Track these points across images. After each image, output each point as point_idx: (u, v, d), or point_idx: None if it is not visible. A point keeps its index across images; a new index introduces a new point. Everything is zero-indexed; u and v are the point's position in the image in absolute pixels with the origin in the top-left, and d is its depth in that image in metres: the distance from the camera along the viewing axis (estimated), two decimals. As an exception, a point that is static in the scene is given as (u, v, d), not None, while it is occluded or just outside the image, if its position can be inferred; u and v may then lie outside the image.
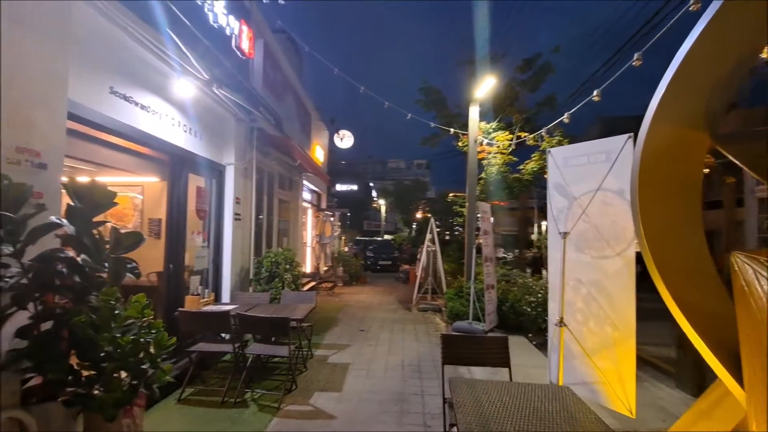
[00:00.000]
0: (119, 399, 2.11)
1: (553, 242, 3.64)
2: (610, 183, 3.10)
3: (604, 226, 3.21)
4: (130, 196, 5.66)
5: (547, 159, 3.83)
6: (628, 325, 3.02)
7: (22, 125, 2.30)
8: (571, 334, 3.36)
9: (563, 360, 3.27)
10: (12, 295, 2.02)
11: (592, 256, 3.32)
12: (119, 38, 3.36)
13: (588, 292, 3.33)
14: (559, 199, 3.66)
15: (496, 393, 2.27)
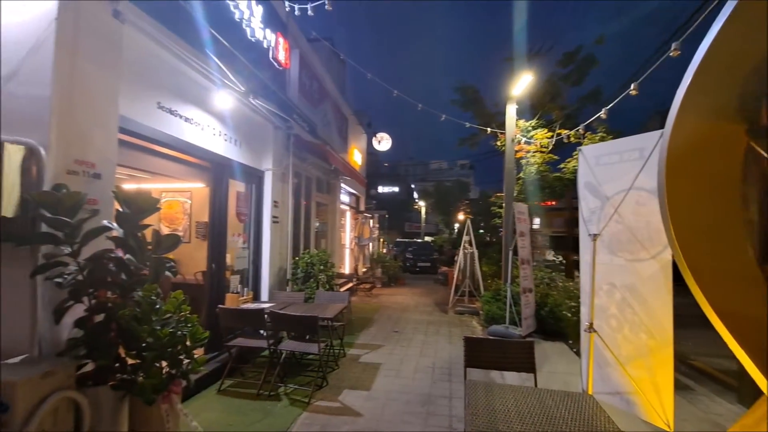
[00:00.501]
0: (157, 385, 2.34)
1: (584, 245, 3.50)
2: (643, 182, 2.93)
3: (638, 227, 3.03)
4: (180, 200, 6.14)
5: (578, 158, 3.68)
6: (664, 332, 2.83)
7: (80, 140, 2.61)
8: (602, 341, 3.21)
9: (593, 367, 3.12)
10: (70, 290, 2.31)
11: (626, 259, 3.15)
12: (165, 58, 3.69)
13: (622, 297, 3.17)
14: (590, 199, 3.51)
15: (512, 398, 2.25)
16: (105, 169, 2.79)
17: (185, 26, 3.64)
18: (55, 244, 2.27)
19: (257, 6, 5.00)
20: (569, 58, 8.91)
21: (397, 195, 36.61)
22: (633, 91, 3.61)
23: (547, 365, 5.12)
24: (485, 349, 2.97)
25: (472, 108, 10.05)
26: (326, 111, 8.74)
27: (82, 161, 2.61)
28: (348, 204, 12.23)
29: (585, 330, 3.15)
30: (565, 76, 9.06)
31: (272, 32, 5.46)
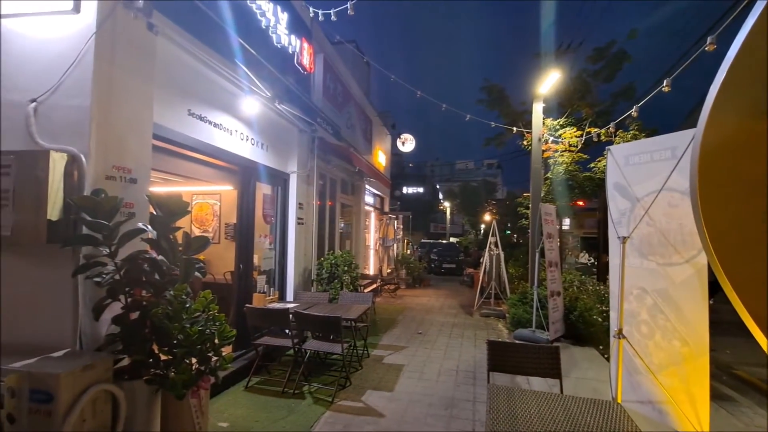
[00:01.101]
0: (187, 381, 2.44)
1: (613, 247, 3.37)
2: (676, 182, 2.80)
3: (670, 229, 2.90)
4: (210, 203, 6.38)
5: (606, 158, 3.56)
6: (699, 339, 2.69)
7: (117, 147, 2.77)
8: (632, 347, 3.08)
9: (622, 375, 3.01)
10: (108, 288, 2.46)
11: (657, 262, 3.02)
12: (195, 67, 3.85)
13: (654, 302, 3.03)
14: (620, 200, 3.38)
15: (535, 403, 2.20)
16: (140, 173, 2.95)
17: (214, 36, 3.78)
18: (94, 245, 2.42)
19: (282, 13, 5.12)
20: (600, 53, 8.61)
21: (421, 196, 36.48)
22: (666, 87, 3.44)
23: (575, 371, 4.97)
24: (509, 354, 2.92)
25: (498, 107, 9.88)
26: (350, 113, 8.83)
27: (119, 167, 2.77)
28: (372, 205, 12.30)
29: (614, 336, 3.04)
30: (595, 73, 8.75)
31: (297, 38, 5.58)
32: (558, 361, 2.85)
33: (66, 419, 2.05)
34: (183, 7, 3.37)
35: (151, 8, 2.92)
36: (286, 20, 5.21)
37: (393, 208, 16.23)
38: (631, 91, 8.89)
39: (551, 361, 2.87)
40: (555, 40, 9.16)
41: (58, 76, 2.60)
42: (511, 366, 2.99)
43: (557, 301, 6.33)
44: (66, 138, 2.56)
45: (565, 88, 8.42)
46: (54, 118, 2.60)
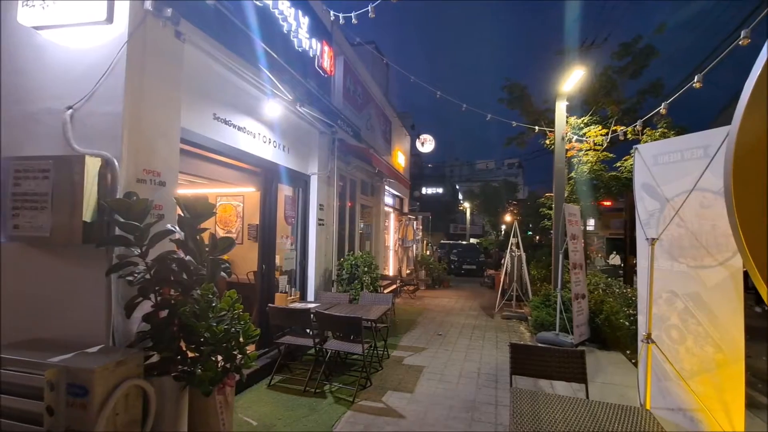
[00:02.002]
0: (213, 378, 2.51)
1: (641, 249, 3.26)
2: (708, 182, 2.68)
3: (702, 231, 2.78)
4: (233, 204, 6.53)
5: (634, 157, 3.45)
6: (734, 345, 2.58)
7: (147, 151, 2.87)
8: (662, 352, 2.98)
9: (651, 381, 2.91)
10: (139, 287, 2.55)
11: (688, 265, 2.90)
12: (220, 72, 3.95)
13: (685, 306, 2.92)
14: (648, 201, 3.27)
15: (560, 408, 2.16)
16: (169, 176, 3.05)
17: (238, 41, 3.87)
18: (126, 246, 2.52)
19: (304, 17, 5.20)
20: (626, 49, 8.36)
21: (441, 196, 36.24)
22: (697, 83, 3.32)
23: (601, 376, 4.84)
24: (533, 357, 2.87)
25: (520, 106, 9.72)
26: (370, 114, 8.88)
27: (149, 170, 2.88)
28: (392, 206, 12.31)
29: (642, 340, 2.95)
30: (621, 69, 8.50)
31: (318, 41, 5.65)
32: (584, 365, 2.78)
33: (100, 413, 2.14)
34: (208, 14, 3.46)
35: (178, 17, 3.02)
36: (307, 24, 5.28)
37: (412, 208, 16.20)
38: (659, 88, 8.60)
39: (576, 365, 2.81)
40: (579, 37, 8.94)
41: (93, 84, 2.72)
42: (534, 369, 2.93)
43: (582, 303, 6.18)
44: (100, 143, 2.68)
45: (589, 85, 8.22)
46: (89, 124, 2.72)
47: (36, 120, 2.81)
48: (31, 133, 2.82)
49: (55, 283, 2.73)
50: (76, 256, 2.68)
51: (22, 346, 2.52)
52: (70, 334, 2.66)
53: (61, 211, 2.50)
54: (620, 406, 2.27)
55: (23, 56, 2.89)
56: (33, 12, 2.75)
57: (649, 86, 8.62)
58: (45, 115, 2.79)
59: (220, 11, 3.55)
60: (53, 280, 2.73)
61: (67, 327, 2.68)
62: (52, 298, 2.73)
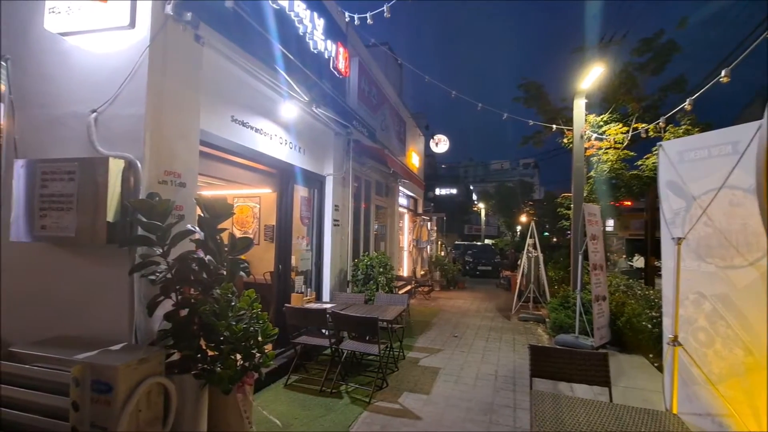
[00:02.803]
0: (233, 376, 2.53)
1: (667, 249, 3.16)
2: (738, 179, 2.58)
3: (731, 230, 2.68)
4: (250, 205, 6.61)
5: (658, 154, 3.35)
6: (765, 348, 2.47)
7: (168, 153, 2.92)
8: (689, 356, 2.87)
9: (678, 385, 2.81)
10: (161, 286, 2.59)
11: (717, 265, 2.80)
12: (237, 74, 4.00)
13: (713, 307, 2.81)
14: (674, 199, 3.16)
15: (584, 412, 2.10)
16: (189, 178, 3.10)
17: (255, 44, 3.92)
18: (149, 245, 2.57)
19: (319, 19, 5.23)
20: (647, 45, 8.14)
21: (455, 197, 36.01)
22: (724, 78, 3.20)
23: (623, 380, 4.71)
24: (553, 359, 2.81)
25: (536, 104, 9.58)
26: (384, 115, 8.88)
27: (170, 171, 2.93)
28: (406, 207, 12.28)
29: (668, 343, 2.85)
30: (641, 66, 8.29)
31: (333, 43, 5.68)
32: (607, 368, 2.71)
33: (124, 409, 2.18)
34: (227, 17, 3.51)
35: (198, 20, 3.07)
36: (323, 26, 5.32)
37: (427, 209, 16.13)
38: (682, 84, 8.35)
39: (599, 367, 2.73)
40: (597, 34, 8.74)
41: (116, 88, 2.78)
42: (554, 372, 2.87)
43: (603, 305, 6.03)
44: (123, 145, 2.74)
45: (609, 82, 8.03)
46: (112, 126, 2.79)
47: (62, 123, 2.89)
48: (56, 136, 2.90)
49: (79, 282, 2.80)
50: (100, 256, 2.75)
51: (48, 343, 2.59)
52: (94, 331, 2.72)
53: (86, 212, 2.57)
54: (646, 410, 2.20)
55: (49, 62, 2.98)
56: (59, 18, 2.83)
57: (671, 82, 8.37)
58: (70, 119, 2.87)
59: (238, 14, 3.59)
60: (78, 279, 2.81)
61: (91, 325, 2.75)
62: (77, 297, 2.80)
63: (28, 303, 2.90)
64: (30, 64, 3.03)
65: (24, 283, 2.92)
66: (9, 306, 2.94)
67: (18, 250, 2.89)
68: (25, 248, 2.87)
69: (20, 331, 2.84)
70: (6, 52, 3.07)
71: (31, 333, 2.73)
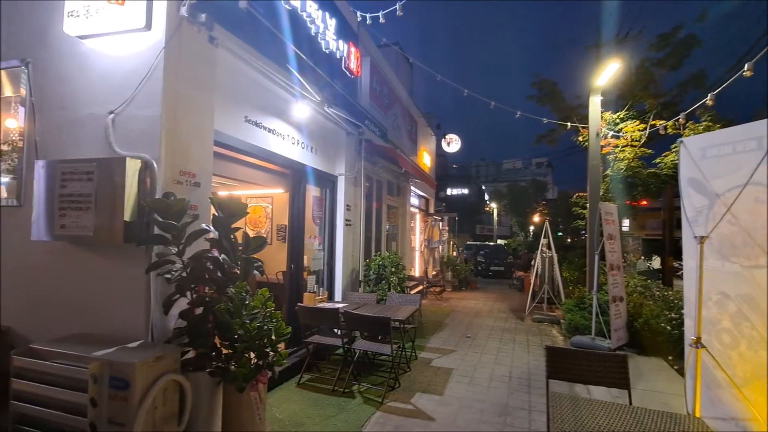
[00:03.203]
0: (247, 374, 2.54)
1: (688, 248, 3.07)
2: (764, 176, 2.49)
3: (756, 228, 2.58)
4: (262, 205, 6.66)
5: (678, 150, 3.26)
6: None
7: (183, 153, 2.95)
8: (713, 358, 2.78)
9: (701, 388, 2.72)
10: (176, 285, 2.62)
11: (742, 265, 2.70)
12: (250, 74, 4.02)
13: (737, 308, 2.72)
14: (696, 197, 3.07)
15: (604, 414, 2.05)
16: (203, 178, 3.13)
17: (268, 44, 3.94)
18: (165, 244, 2.60)
19: (331, 19, 5.24)
20: (665, 40, 7.94)
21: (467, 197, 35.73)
22: (747, 72, 3.09)
23: (641, 382, 4.60)
24: (570, 361, 2.75)
25: (551, 102, 9.43)
26: (396, 115, 8.86)
27: (185, 171, 2.96)
28: (418, 207, 12.24)
29: (690, 345, 2.77)
30: (659, 61, 8.09)
31: (344, 43, 5.68)
32: (626, 370, 2.64)
33: (141, 406, 2.20)
34: (240, 18, 3.54)
35: (212, 22, 3.10)
36: (334, 26, 5.32)
37: (438, 209, 16.05)
38: (702, 79, 8.12)
39: (618, 370, 2.67)
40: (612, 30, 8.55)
41: (133, 89, 2.82)
42: (572, 374, 2.81)
43: (620, 306, 5.91)
44: (139, 146, 2.78)
45: (625, 78, 7.86)
46: (129, 127, 2.83)
47: (80, 125, 2.95)
48: (75, 137, 2.96)
49: (97, 280, 2.85)
50: (117, 255, 2.79)
51: (67, 340, 2.64)
52: (112, 329, 2.76)
53: (104, 212, 2.61)
54: (668, 414, 2.13)
55: (68, 65, 3.04)
56: (77, 22, 2.88)
57: (690, 78, 8.15)
58: (89, 120, 2.93)
59: (251, 15, 3.62)
60: (96, 277, 2.86)
61: (108, 322, 2.79)
62: (95, 295, 2.85)
63: (48, 300, 2.97)
64: (50, 67, 3.10)
65: (44, 281, 2.99)
66: (30, 303, 3.02)
67: (39, 249, 2.96)
68: (45, 247, 2.93)
69: (40, 327, 2.91)
70: (27, 55, 3.15)
71: (51, 330, 2.80)
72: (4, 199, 3.19)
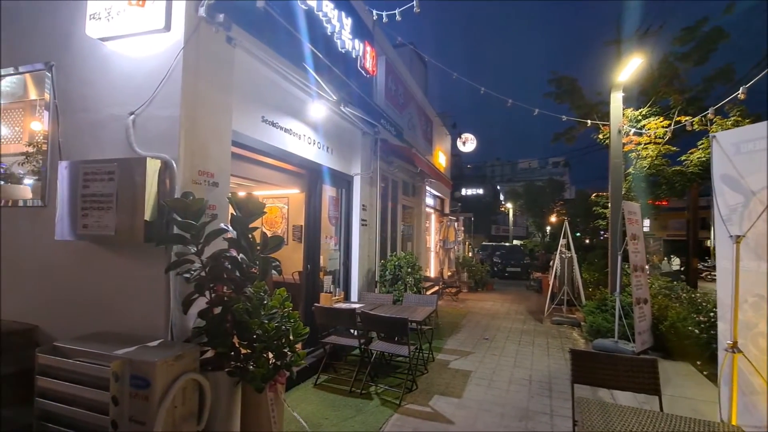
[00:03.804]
0: (265, 375, 2.52)
1: (723, 249, 2.92)
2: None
3: (798, 227, 2.44)
4: (278, 206, 6.68)
5: (711, 146, 3.11)
6: None
7: (202, 153, 2.96)
8: (750, 363, 2.64)
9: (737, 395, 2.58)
10: (195, 284, 2.62)
11: (781, 266, 2.56)
12: (267, 75, 4.03)
13: (777, 312, 2.58)
14: (729, 194, 2.93)
15: (636, 422, 1.95)
16: (221, 178, 3.13)
17: (285, 44, 3.94)
18: (184, 244, 2.60)
19: (347, 18, 5.22)
20: (690, 33, 7.68)
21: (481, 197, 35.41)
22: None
23: (669, 388, 4.42)
24: (597, 365, 2.65)
25: (569, 99, 9.23)
26: (411, 114, 8.80)
27: (204, 171, 2.96)
28: (433, 207, 12.13)
29: (726, 350, 2.63)
30: (684, 55, 7.82)
31: (360, 42, 5.65)
32: (656, 375, 2.53)
33: (161, 405, 2.20)
34: (257, 18, 3.54)
35: (230, 22, 3.10)
36: (350, 25, 5.30)
37: (453, 209, 15.90)
38: (729, 74, 7.82)
39: (648, 374, 2.56)
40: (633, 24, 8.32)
41: (152, 90, 2.84)
42: (598, 378, 2.71)
43: (644, 309, 5.71)
44: (159, 146, 2.79)
45: (648, 74, 7.63)
46: (149, 127, 2.85)
47: (102, 126, 2.99)
48: (97, 138, 3.00)
49: (118, 280, 2.88)
50: (137, 254, 2.82)
51: (90, 338, 2.67)
52: (132, 327, 2.79)
53: (125, 211, 2.63)
54: (705, 422, 2.02)
55: (90, 67, 3.09)
56: (99, 24, 2.92)
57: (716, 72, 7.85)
58: (110, 121, 2.96)
59: (268, 15, 3.61)
60: (117, 276, 2.89)
61: (128, 321, 2.82)
62: (116, 294, 2.88)
63: (71, 299, 3.02)
64: (73, 69, 3.15)
65: (68, 280, 3.04)
66: (54, 302, 3.07)
67: (63, 249, 3.01)
68: (69, 247, 2.98)
69: (64, 325, 2.96)
70: (51, 59, 3.22)
71: (74, 328, 2.84)
72: (29, 200, 3.26)
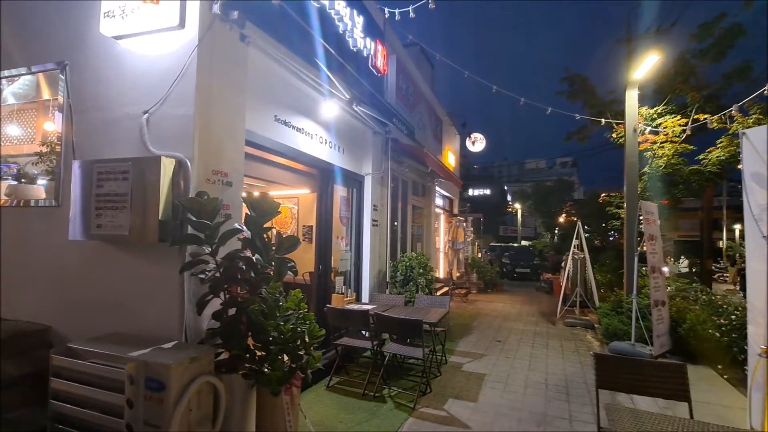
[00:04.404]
0: (281, 377, 2.47)
1: (754, 249, 2.81)
2: None
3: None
4: (289, 206, 6.65)
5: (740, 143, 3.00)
6: None
7: (216, 152, 2.92)
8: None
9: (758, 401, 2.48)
10: (209, 285, 2.58)
11: (819, 268, 2.45)
12: (280, 73, 3.98)
13: (814, 316, 2.46)
14: (760, 193, 2.81)
15: (671, 429, 1.86)
16: (235, 177, 3.09)
17: (297, 42, 3.89)
18: (198, 244, 2.56)
19: (358, 17, 5.17)
20: (707, 30, 7.50)
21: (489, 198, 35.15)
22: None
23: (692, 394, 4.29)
24: (622, 369, 2.56)
25: (582, 98, 9.08)
26: (421, 113, 8.73)
27: (217, 171, 2.92)
28: (442, 207, 12.04)
29: (760, 355, 2.52)
30: (701, 52, 7.64)
31: (371, 41, 5.60)
32: (685, 380, 2.45)
33: (176, 408, 2.16)
34: (271, 16, 3.50)
35: (244, 20, 3.06)
36: (362, 24, 5.25)
37: (462, 210, 15.78)
38: (748, 71, 7.63)
39: (676, 379, 2.48)
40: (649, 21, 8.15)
41: (166, 89, 2.81)
42: (622, 383, 2.62)
43: (662, 311, 5.58)
44: (173, 145, 2.76)
45: (663, 71, 7.46)
46: (163, 126, 2.82)
47: (116, 125, 2.96)
48: (110, 137, 2.98)
49: (132, 280, 2.85)
50: (151, 254, 2.78)
51: (104, 339, 2.64)
52: (146, 328, 2.75)
53: (139, 211, 2.60)
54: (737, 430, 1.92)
55: (104, 66, 3.06)
56: (113, 22, 2.90)
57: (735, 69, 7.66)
58: (123, 120, 2.93)
59: (281, 13, 3.58)
60: (131, 276, 2.85)
61: (142, 322, 2.78)
62: (130, 294, 2.85)
63: (85, 299, 2.99)
64: (86, 68, 3.13)
65: (81, 280, 3.01)
66: (67, 302, 3.05)
67: (76, 249, 2.98)
68: (82, 246, 2.96)
69: (78, 326, 2.94)
70: (65, 57, 3.20)
71: (88, 328, 2.81)
72: (43, 199, 3.25)
